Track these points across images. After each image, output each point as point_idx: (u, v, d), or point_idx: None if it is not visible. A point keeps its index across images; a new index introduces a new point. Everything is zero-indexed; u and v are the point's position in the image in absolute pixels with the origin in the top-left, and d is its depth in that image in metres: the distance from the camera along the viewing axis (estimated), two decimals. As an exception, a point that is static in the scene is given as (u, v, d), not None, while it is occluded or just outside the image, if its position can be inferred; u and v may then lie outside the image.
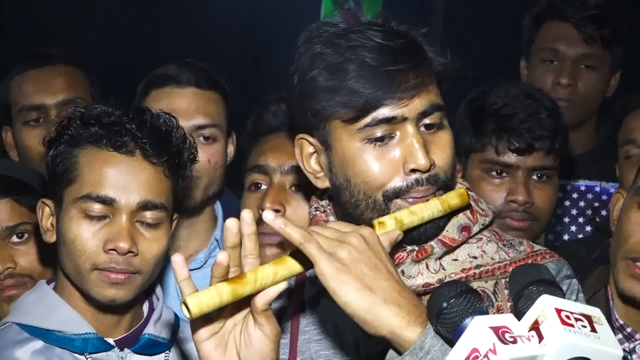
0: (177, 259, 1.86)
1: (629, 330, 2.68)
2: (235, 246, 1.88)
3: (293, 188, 2.77)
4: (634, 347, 2.66)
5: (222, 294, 1.81)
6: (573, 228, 3.65)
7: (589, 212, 3.65)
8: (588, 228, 3.67)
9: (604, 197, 3.65)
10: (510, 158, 3.00)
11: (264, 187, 2.83)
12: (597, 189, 3.67)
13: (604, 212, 3.64)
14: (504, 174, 3.03)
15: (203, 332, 1.92)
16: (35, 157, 3.31)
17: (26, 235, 2.78)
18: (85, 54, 3.72)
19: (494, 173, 3.04)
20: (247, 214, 1.88)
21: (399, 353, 1.86)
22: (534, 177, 3.03)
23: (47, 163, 2.43)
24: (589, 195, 3.66)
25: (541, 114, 3.01)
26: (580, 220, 3.66)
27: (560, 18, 3.71)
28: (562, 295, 1.78)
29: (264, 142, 2.90)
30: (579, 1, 3.70)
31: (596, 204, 3.66)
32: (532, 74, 3.77)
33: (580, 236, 3.66)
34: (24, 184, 2.80)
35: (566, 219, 3.66)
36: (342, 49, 2.04)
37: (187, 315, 1.80)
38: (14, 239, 2.79)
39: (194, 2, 5.33)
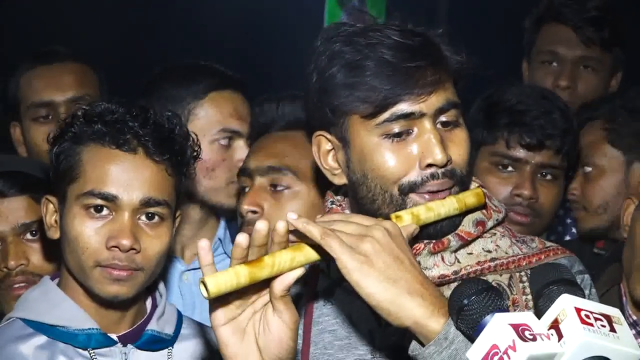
0: (203, 245, 1.90)
1: (642, 326, 2.76)
2: (262, 245, 1.91)
3: (273, 188, 2.73)
4: (647, 343, 2.68)
5: (239, 275, 1.86)
6: (574, 230, 3.66)
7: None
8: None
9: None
10: (520, 153, 3.08)
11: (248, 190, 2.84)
12: None
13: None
14: (511, 168, 3.10)
15: (221, 317, 1.96)
16: (43, 153, 3.30)
17: (39, 232, 2.79)
18: (86, 53, 3.71)
19: (502, 166, 3.11)
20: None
21: (422, 344, 1.91)
22: (541, 174, 3.09)
23: (51, 160, 2.47)
24: None
25: (554, 113, 3.09)
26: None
27: (559, 20, 3.75)
28: (582, 294, 1.83)
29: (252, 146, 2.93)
30: (578, 3, 3.74)
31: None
32: (532, 75, 3.82)
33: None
34: (41, 181, 2.79)
35: (568, 220, 3.69)
36: (360, 47, 2.09)
37: (205, 294, 1.84)
38: (28, 235, 2.80)
39: (195, 2, 5.33)
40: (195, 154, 2.48)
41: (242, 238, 1.88)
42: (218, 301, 1.90)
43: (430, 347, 1.89)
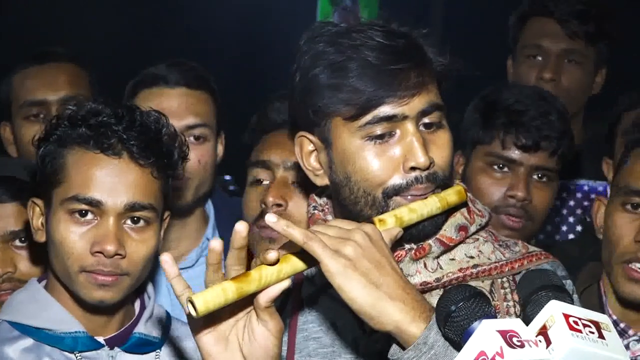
0: (165, 258, 1.88)
1: (622, 325, 2.71)
2: (241, 247, 1.88)
3: (295, 184, 2.76)
4: (628, 344, 2.68)
5: (227, 292, 1.83)
6: (564, 227, 3.67)
7: (579, 211, 3.67)
8: (579, 227, 3.68)
9: (593, 196, 3.66)
10: (515, 154, 3.04)
11: (266, 182, 2.82)
12: (586, 187, 3.69)
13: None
14: (506, 169, 3.06)
15: (201, 327, 1.93)
16: (34, 153, 3.28)
17: (28, 238, 2.72)
18: (84, 53, 3.71)
19: (496, 167, 3.07)
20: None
21: (403, 348, 1.88)
22: (535, 176, 3.05)
23: (36, 162, 2.42)
24: (578, 194, 3.68)
25: (551, 115, 3.04)
26: (571, 219, 3.68)
27: (544, 14, 3.75)
28: (571, 301, 1.80)
29: (267, 138, 2.89)
30: None
31: (585, 203, 3.68)
32: (517, 71, 3.81)
33: (571, 236, 3.68)
34: (30, 186, 2.74)
35: (556, 219, 3.68)
36: (344, 48, 2.06)
37: (194, 313, 1.81)
38: (17, 242, 2.74)
39: (194, 3, 5.33)
40: (183, 155, 2.44)
41: (216, 243, 1.87)
42: (205, 315, 1.85)
43: (409, 351, 1.86)
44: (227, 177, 4.31)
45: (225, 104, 3.24)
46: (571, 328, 1.70)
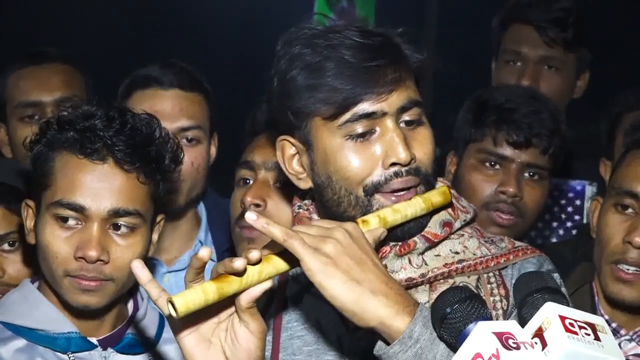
0: (135, 264, 1.85)
1: (614, 325, 2.66)
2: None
3: (278, 184, 2.70)
4: (620, 343, 2.63)
5: (207, 292, 1.77)
6: (539, 224, 3.61)
7: (556, 209, 3.65)
8: (554, 224, 3.67)
9: (570, 195, 3.68)
10: (506, 150, 2.98)
11: (251, 182, 2.77)
12: (564, 186, 3.67)
13: (569, 209, 3.68)
14: (497, 166, 3.00)
15: (182, 328, 1.87)
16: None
17: (17, 243, 2.65)
18: (83, 54, 3.68)
19: (488, 164, 3.01)
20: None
21: (388, 344, 1.83)
22: (527, 174, 3.00)
23: (29, 164, 2.36)
24: (555, 193, 3.64)
25: (542, 113, 2.99)
26: (547, 217, 3.65)
27: (523, 21, 3.73)
28: (567, 303, 1.72)
29: (254, 140, 2.84)
30: (543, 4, 3.71)
31: (562, 201, 3.67)
32: (497, 74, 3.78)
33: (546, 233, 3.68)
34: (16, 190, 2.65)
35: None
36: (320, 48, 2.01)
37: (174, 314, 1.75)
38: (5, 247, 2.64)
39: (192, 3, 5.32)
40: (176, 158, 2.37)
41: (205, 252, 1.82)
42: (185, 315, 1.80)
43: (394, 346, 1.80)
44: None
45: (221, 105, 3.22)
46: (567, 330, 1.62)
